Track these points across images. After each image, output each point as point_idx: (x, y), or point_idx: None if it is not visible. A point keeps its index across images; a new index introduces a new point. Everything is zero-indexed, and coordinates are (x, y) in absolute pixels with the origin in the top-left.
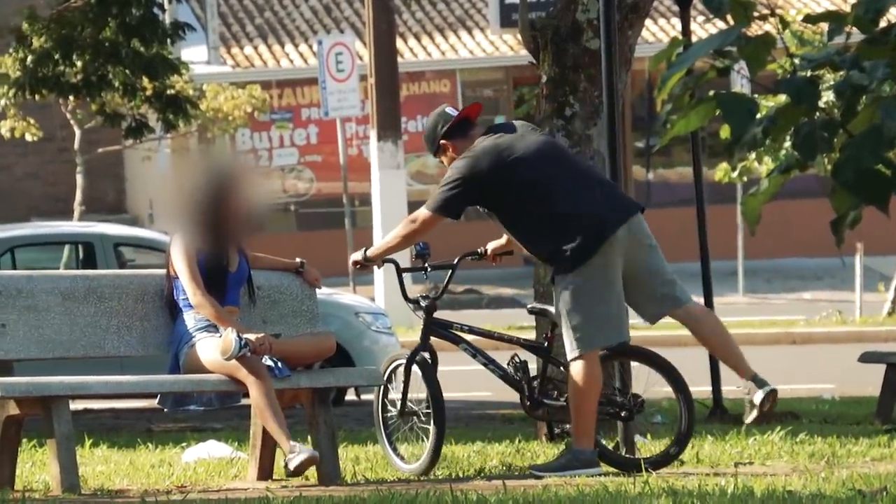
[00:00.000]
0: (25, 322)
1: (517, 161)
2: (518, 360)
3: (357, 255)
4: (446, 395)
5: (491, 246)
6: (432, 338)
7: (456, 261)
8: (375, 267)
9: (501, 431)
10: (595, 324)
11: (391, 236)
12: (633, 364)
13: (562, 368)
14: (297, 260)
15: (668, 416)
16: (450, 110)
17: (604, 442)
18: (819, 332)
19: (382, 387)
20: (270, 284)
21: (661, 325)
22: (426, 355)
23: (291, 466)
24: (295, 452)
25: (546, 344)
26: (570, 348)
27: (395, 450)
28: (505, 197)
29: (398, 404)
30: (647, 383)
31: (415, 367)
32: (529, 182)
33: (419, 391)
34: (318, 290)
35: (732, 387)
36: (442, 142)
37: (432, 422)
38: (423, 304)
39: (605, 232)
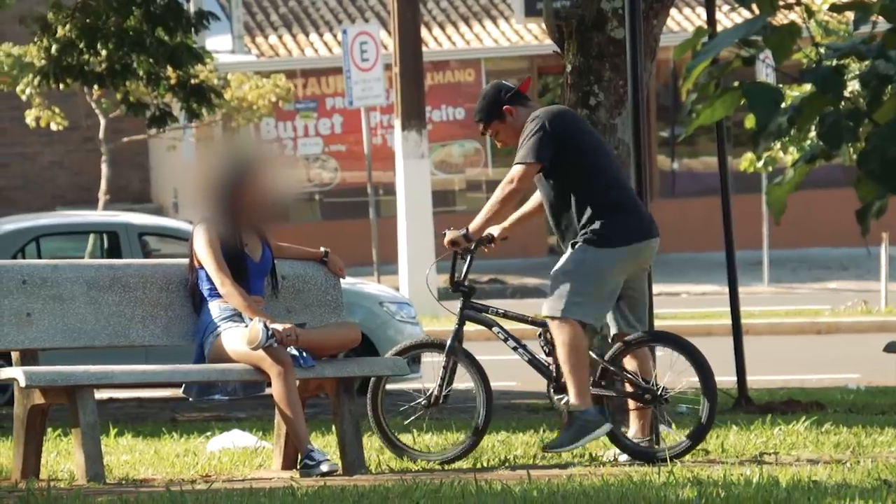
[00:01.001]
0: (50, 311)
1: (586, 132)
2: (550, 335)
3: (454, 234)
4: (471, 384)
5: (496, 231)
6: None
7: (473, 247)
8: (472, 247)
9: (526, 421)
10: (583, 299)
11: (490, 204)
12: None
13: (591, 353)
14: (322, 249)
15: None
16: (506, 82)
17: (623, 430)
18: (844, 322)
19: (379, 377)
20: (295, 274)
21: (689, 314)
22: (464, 346)
23: (312, 473)
24: (315, 460)
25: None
26: (552, 307)
27: (398, 440)
28: (573, 156)
29: (431, 394)
30: (673, 369)
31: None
32: (595, 154)
33: (428, 381)
34: (342, 280)
35: (757, 377)
36: (506, 107)
37: (482, 412)
38: (463, 288)
39: (646, 233)
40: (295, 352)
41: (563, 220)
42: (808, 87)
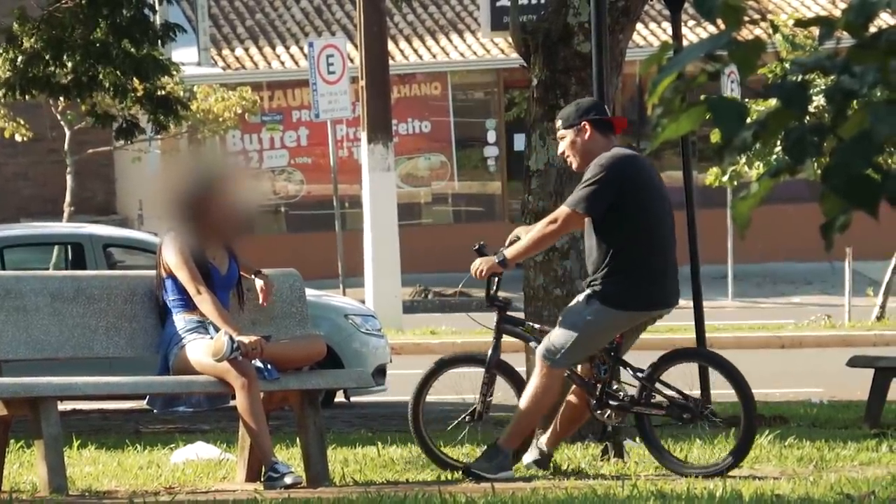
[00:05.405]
0: (14, 323)
1: (645, 186)
2: (601, 360)
3: (489, 263)
4: (450, 397)
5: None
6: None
7: None
8: (505, 271)
9: (491, 434)
10: (578, 351)
11: (530, 238)
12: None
13: (629, 370)
14: (254, 270)
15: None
16: (607, 108)
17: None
18: (808, 337)
19: (420, 387)
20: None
21: (653, 328)
22: (503, 359)
23: (276, 486)
24: (279, 472)
25: (615, 344)
26: (548, 352)
27: (441, 451)
28: (621, 211)
29: (474, 409)
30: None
31: (439, 370)
32: (646, 212)
33: (451, 393)
34: (307, 292)
35: (721, 391)
36: (584, 122)
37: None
38: (498, 303)
39: (663, 304)
40: (259, 364)
41: (593, 256)
42: (773, 101)
